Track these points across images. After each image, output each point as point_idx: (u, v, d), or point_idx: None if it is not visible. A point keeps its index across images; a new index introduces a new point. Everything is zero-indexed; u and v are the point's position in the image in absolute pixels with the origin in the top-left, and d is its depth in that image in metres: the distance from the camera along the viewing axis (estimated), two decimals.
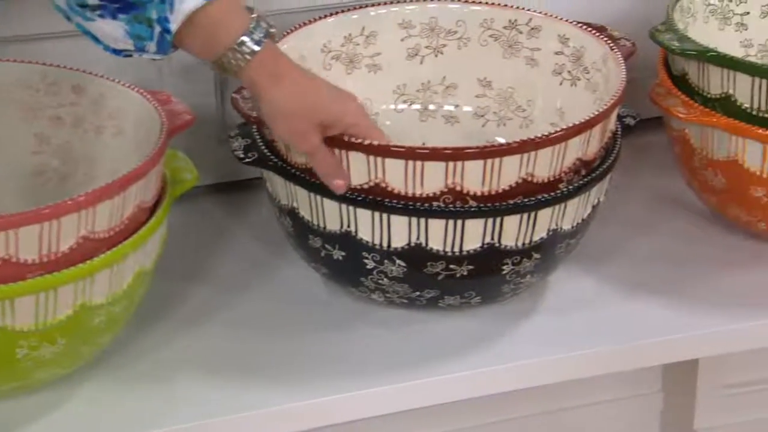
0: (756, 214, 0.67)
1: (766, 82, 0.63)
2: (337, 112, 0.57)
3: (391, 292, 0.62)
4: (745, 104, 0.64)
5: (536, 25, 0.69)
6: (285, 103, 0.57)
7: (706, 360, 0.77)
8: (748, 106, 0.64)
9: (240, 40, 0.55)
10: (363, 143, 0.58)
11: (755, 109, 0.64)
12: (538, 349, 0.63)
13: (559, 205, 0.60)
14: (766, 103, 0.64)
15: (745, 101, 0.64)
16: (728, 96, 0.65)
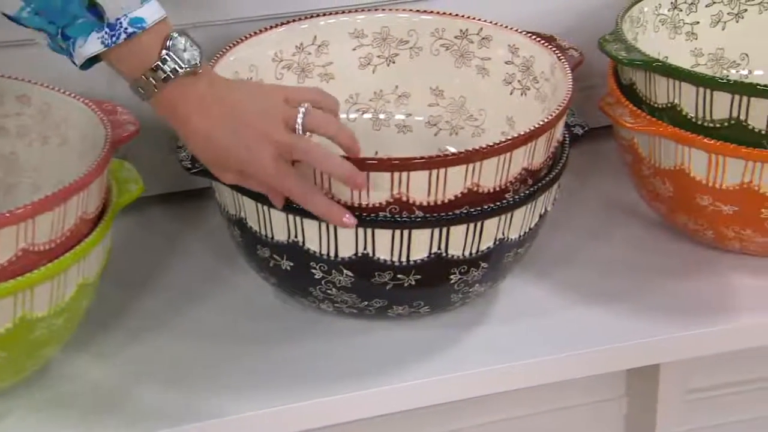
0: (702, 222, 0.67)
1: (710, 91, 0.63)
2: (247, 161, 0.55)
3: (340, 302, 0.62)
4: (690, 113, 0.64)
5: (487, 34, 0.69)
6: (194, 152, 0.57)
7: (668, 365, 0.78)
8: (693, 116, 0.64)
9: (140, 77, 0.55)
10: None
11: (700, 118, 0.64)
12: (488, 357, 0.63)
13: (506, 214, 0.60)
14: (710, 113, 0.64)
15: (690, 111, 0.64)
16: (674, 105, 0.65)
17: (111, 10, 0.54)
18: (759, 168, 0.63)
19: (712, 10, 0.75)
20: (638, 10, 0.72)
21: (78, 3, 0.54)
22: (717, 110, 0.64)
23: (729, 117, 0.63)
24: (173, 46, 0.55)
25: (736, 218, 0.65)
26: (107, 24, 0.54)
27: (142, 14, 0.55)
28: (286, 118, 0.56)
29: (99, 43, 0.54)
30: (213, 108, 0.55)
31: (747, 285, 0.68)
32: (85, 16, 0.54)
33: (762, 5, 0.76)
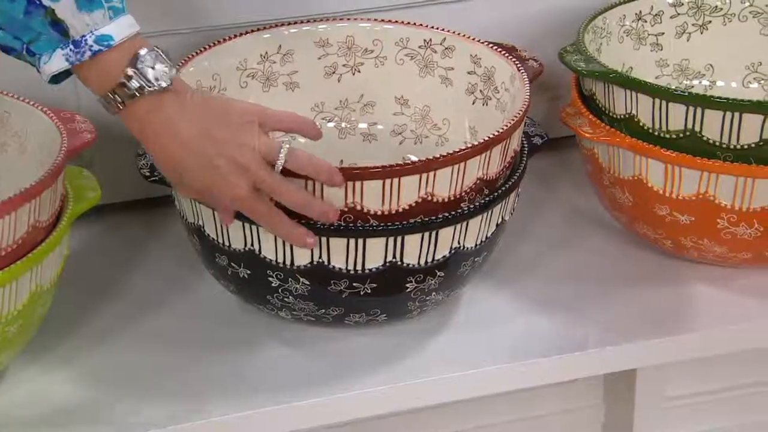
0: (661, 231, 0.67)
1: (666, 103, 0.63)
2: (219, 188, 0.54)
3: (298, 310, 0.62)
4: (648, 124, 0.64)
5: (450, 44, 0.69)
6: (160, 168, 0.56)
7: (645, 373, 0.78)
8: (650, 127, 0.64)
9: (106, 95, 0.54)
10: None
11: (657, 129, 0.64)
12: (445, 365, 0.63)
13: (460, 224, 0.59)
14: (666, 124, 0.63)
15: (648, 122, 0.64)
16: (632, 116, 0.65)
17: (76, 27, 0.54)
18: (714, 179, 0.62)
19: (676, 22, 0.75)
20: (602, 20, 0.72)
21: (40, 19, 0.53)
22: (673, 121, 0.63)
23: (684, 128, 0.63)
24: (141, 63, 0.54)
25: (693, 228, 0.65)
26: (72, 41, 0.54)
27: (110, 31, 0.54)
28: (264, 152, 0.55)
29: (63, 60, 0.54)
30: (183, 131, 0.54)
31: (705, 293, 0.67)
32: (48, 33, 0.53)
33: (726, 17, 0.75)
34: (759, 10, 0.74)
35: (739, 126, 0.62)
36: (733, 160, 0.62)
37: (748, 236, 0.64)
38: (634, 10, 0.73)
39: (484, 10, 0.74)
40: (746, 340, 0.66)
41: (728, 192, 0.62)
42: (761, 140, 0.62)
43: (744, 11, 0.74)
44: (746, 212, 0.63)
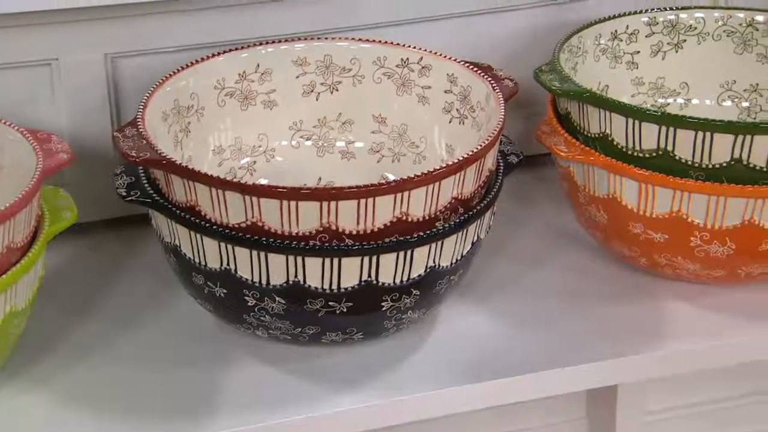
0: (636, 249, 0.67)
1: (639, 122, 0.63)
2: None
3: (274, 329, 0.62)
4: (621, 143, 0.64)
5: (427, 63, 0.69)
6: None
7: (625, 386, 0.78)
8: (624, 146, 0.64)
9: None
10: (240, 183, 0.58)
11: (630, 148, 0.64)
12: (421, 382, 0.62)
13: (435, 243, 0.59)
14: (639, 143, 0.64)
15: (621, 141, 0.64)
16: (606, 135, 0.65)
17: None
18: (687, 197, 0.62)
19: (652, 41, 0.75)
20: (577, 39, 0.72)
21: None
22: (646, 141, 0.64)
23: (657, 147, 0.63)
24: None
25: (667, 246, 0.65)
26: None
27: None
28: None
29: None
30: None
31: (681, 310, 0.67)
32: None
33: (700, 36, 0.75)
34: (733, 29, 0.75)
35: (710, 145, 0.62)
36: (705, 179, 0.63)
37: (721, 254, 0.64)
38: (609, 29, 0.73)
39: (461, 30, 0.75)
40: (720, 357, 0.66)
41: (701, 210, 0.63)
42: (732, 159, 0.62)
43: (718, 30, 0.75)
44: (718, 230, 0.63)
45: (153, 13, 0.69)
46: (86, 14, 0.68)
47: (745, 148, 0.62)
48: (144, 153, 0.59)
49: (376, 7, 0.72)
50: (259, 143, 0.71)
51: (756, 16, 0.74)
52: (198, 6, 0.69)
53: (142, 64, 0.71)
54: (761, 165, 0.62)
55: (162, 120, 0.65)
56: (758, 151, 0.62)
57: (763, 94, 0.76)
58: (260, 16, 0.71)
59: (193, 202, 0.59)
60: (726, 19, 0.74)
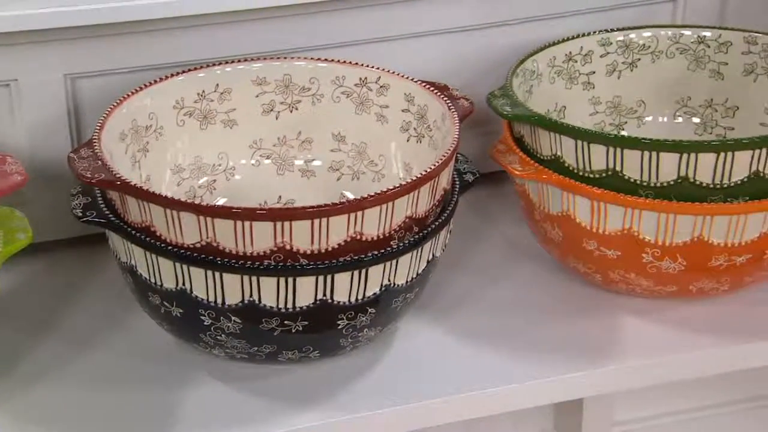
0: (591, 266, 0.67)
1: (588, 144, 0.63)
2: None
3: (230, 348, 0.62)
4: (572, 165, 0.65)
5: (385, 83, 0.70)
6: None
7: (591, 398, 0.78)
8: (575, 167, 0.65)
9: None
10: (194, 204, 0.58)
11: (581, 169, 0.64)
12: (378, 399, 0.62)
13: (390, 262, 0.60)
14: (590, 164, 0.64)
15: (572, 162, 0.65)
16: (558, 157, 0.65)
17: None
18: (637, 215, 0.63)
19: (606, 60, 0.76)
20: (531, 63, 0.72)
21: None
22: (595, 162, 0.64)
23: (606, 168, 0.64)
24: None
25: (620, 262, 0.65)
26: None
27: None
28: None
29: None
30: None
31: (635, 325, 0.67)
32: None
33: (654, 54, 0.76)
34: (685, 46, 0.75)
35: (657, 164, 0.62)
36: (654, 197, 0.63)
37: (673, 270, 0.64)
38: (563, 51, 0.73)
39: (419, 49, 0.75)
40: (675, 371, 0.66)
41: (651, 228, 0.63)
42: (679, 177, 0.63)
43: (671, 48, 0.75)
44: (669, 247, 0.63)
45: (112, 34, 0.69)
46: (45, 35, 0.68)
47: (690, 166, 0.62)
48: (99, 174, 0.59)
49: (334, 27, 0.73)
50: (218, 162, 0.71)
51: (705, 32, 0.74)
52: (157, 27, 0.69)
53: (102, 84, 0.71)
54: (707, 182, 0.63)
55: (119, 140, 0.65)
56: (704, 169, 0.62)
57: (718, 109, 0.76)
58: (219, 37, 0.71)
59: (149, 223, 0.59)
60: (678, 37, 0.75)
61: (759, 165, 0.63)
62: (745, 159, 0.62)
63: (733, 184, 0.63)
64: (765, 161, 0.63)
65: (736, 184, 0.63)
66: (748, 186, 0.63)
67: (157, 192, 0.62)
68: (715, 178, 0.62)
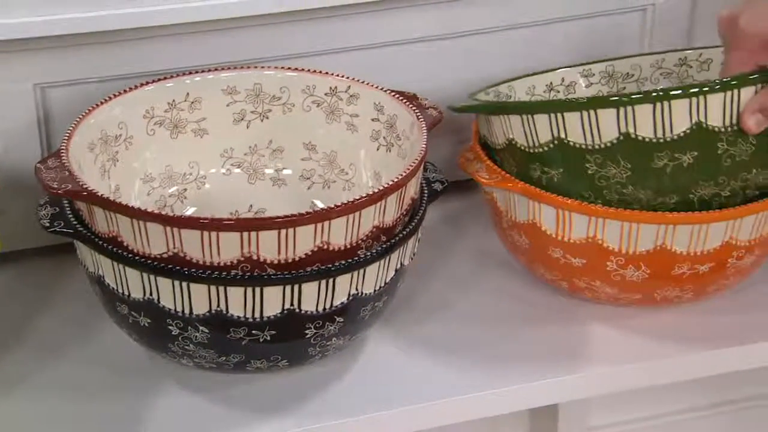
0: (557, 273, 0.67)
1: (531, 117, 0.63)
2: None
3: (198, 357, 0.62)
4: (523, 144, 0.64)
5: (355, 92, 0.70)
6: None
7: (566, 403, 0.78)
8: (526, 146, 0.64)
9: None
10: (160, 214, 0.58)
11: (531, 146, 0.64)
12: (350, 407, 0.62)
13: (357, 271, 0.60)
14: (537, 138, 0.64)
15: (522, 141, 0.64)
16: (511, 141, 0.65)
17: None
18: (601, 223, 0.63)
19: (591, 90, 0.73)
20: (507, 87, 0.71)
21: None
22: (541, 134, 0.64)
23: (552, 138, 0.63)
24: None
25: (586, 270, 0.65)
26: None
27: None
28: None
29: None
30: None
31: (602, 333, 0.68)
32: None
33: (638, 81, 0.74)
34: (669, 70, 0.75)
35: (597, 124, 0.62)
36: (602, 162, 0.62)
37: (637, 278, 0.65)
38: (544, 81, 0.74)
39: (388, 58, 0.75)
40: (642, 378, 0.67)
41: (615, 236, 0.63)
42: (621, 134, 0.62)
43: (655, 74, 0.75)
44: (633, 255, 0.64)
45: (82, 43, 0.69)
46: (15, 45, 0.67)
47: (629, 120, 0.61)
48: (66, 184, 0.58)
49: (304, 37, 0.73)
50: (189, 171, 0.71)
51: (686, 54, 0.74)
52: (127, 37, 0.69)
53: (72, 93, 0.70)
54: (650, 136, 0.60)
55: (88, 150, 0.65)
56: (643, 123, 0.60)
57: None
58: (189, 46, 0.71)
59: (116, 233, 0.59)
60: (660, 62, 0.75)
61: (699, 115, 0.61)
62: (684, 108, 0.61)
63: (676, 137, 0.61)
64: (705, 111, 0.61)
65: (679, 137, 0.61)
66: (693, 139, 0.62)
67: (126, 202, 0.63)
68: (657, 131, 0.61)
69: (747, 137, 0.62)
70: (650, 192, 0.63)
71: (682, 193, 0.63)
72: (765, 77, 0.62)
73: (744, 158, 0.63)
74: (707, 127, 0.62)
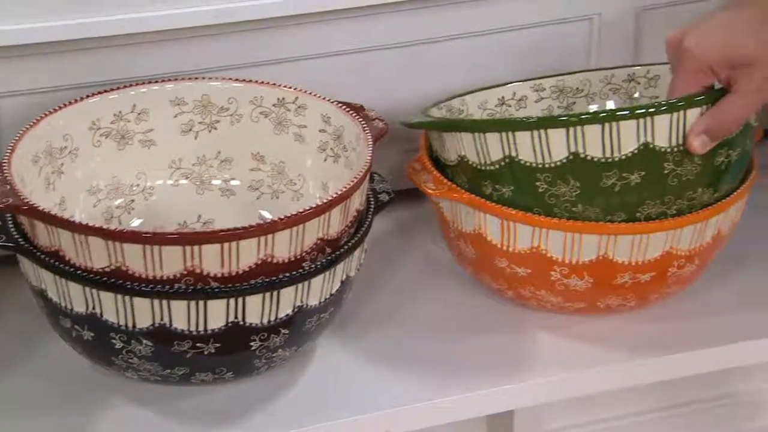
0: (503, 283, 0.68)
1: (483, 136, 0.63)
2: None
3: (143, 370, 0.61)
4: (475, 162, 0.65)
5: (302, 103, 0.69)
6: None
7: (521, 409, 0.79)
8: (478, 163, 0.65)
9: None
10: (102, 228, 0.58)
11: (482, 164, 0.64)
12: (293, 419, 0.62)
13: (302, 283, 0.59)
14: (488, 156, 0.64)
15: (474, 159, 0.65)
16: (463, 158, 0.65)
17: None
18: (545, 234, 0.63)
19: (542, 105, 0.74)
20: (459, 102, 0.71)
21: None
22: (493, 152, 0.64)
23: (503, 156, 0.64)
24: None
25: (531, 280, 0.66)
26: None
27: None
28: None
29: None
30: None
31: (548, 341, 0.68)
32: None
33: (588, 97, 0.75)
34: (617, 86, 0.75)
35: (548, 143, 0.62)
36: (552, 180, 0.63)
37: (580, 287, 0.65)
38: (495, 95, 0.74)
39: (336, 68, 0.74)
40: (585, 386, 0.67)
41: (558, 246, 0.64)
42: (570, 154, 0.62)
43: (604, 89, 0.75)
44: (576, 265, 0.64)
45: (28, 54, 0.68)
46: None
47: (579, 140, 0.61)
48: (6, 198, 0.58)
49: (251, 47, 0.72)
50: (136, 182, 0.70)
51: (635, 70, 0.75)
52: (73, 47, 0.68)
53: (20, 104, 0.69)
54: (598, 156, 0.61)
55: (33, 162, 0.64)
56: (592, 143, 0.61)
57: None
58: (136, 56, 0.70)
59: (57, 247, 0.58)
60: (609, 78, 0.75)
61: (646, 135, 0.62)
62: (631, 129, 0.62)
63: (624, 157, 0.62)
64: (652, 131, 0.62)
65: (627, 157, 0.62)
66: (640, 159, 0.62)
67: (71, 214, 0.62)
68: (605, 151, 0.62)
69: (693, 158, 0.63)
70: (599, 210, 0.64)
71: (629, 211, 0.64)
72: (710, 99, 0.63)
73: (690, 178, 0.63)
74: (654, 147, 0.63)
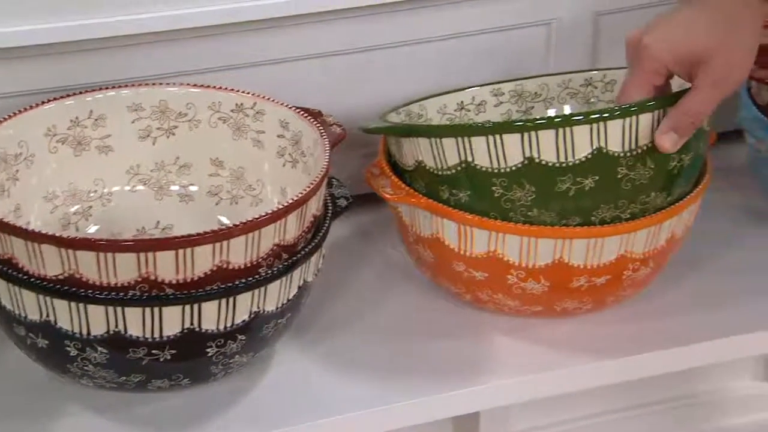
0: (461, 287, 0.68)
1: (439, 140, 0.63)
2: None
3: (99, 378, 0.61)
4: (432, 167, 0.65)
5: (260, 109, 0.69)
6: None
7: (487, 412, 0.79)
8: (434, 167, 0.65)
9: None
10: (54, 236, 0.57)
11: (439, 169, 0.64)
12: (249, 426, 0.62)
13: (258, 289, 0.59)
14: (445, 161, 0.64)
15: (431, 164, 0.65)
16: (420, 163, 0.65)
17: None
18: (501, 238, 0.64)
19: (501, 110, 0.74)
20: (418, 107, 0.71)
21: None
22: (449, 157, 0.64)
23: (459, 161, 0.64)
24: None
25: (488, 283, 0.66)
26: None
27: None
28: None
29: None
30: None
31: (505, 344, 0.68)
32: None
33: (546, 101, 0.75)
34: (575, 90, 0.75)
35: (503, 148, 0.62)
36: (508, 185, 0.63)
37: (537, 291, 0.66)
38: (455, 99, 0.74)
39: (294, 74, 0.74)
40: (544, 388, 0.67)
41: (515, 250, 0.64)
42: (525, 159, 0.62)
43: (562, 94, 0.75)
44: (532, 269, 0.64)
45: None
46: None
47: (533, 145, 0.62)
48: None
49: (210, 52, 0.72)
50: (94, 188, 0.69)
51: (591, 74, 0.75)
52: (27, 54, 0.67)
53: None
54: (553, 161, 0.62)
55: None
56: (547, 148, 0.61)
57: None
58: (92, 62, 0.69)
59: (10, 255, 0.57)
60: (567, 83, 0.76)
61: (600, 140, 0.62)
62: (585, 134, 0.62)
63: (578, 161, 0.62)
64: (605, 136, 0.62)
65: (581, 162, 0.62)
66: (594, 164, 0.62)
67: (27, 221, 0.61)
68: (560, 156, 0.62)
69: (646, 162, 0.64)
70: (554, 214, 0.64)
71: (584, 215, 0.64)
72: (662, 104, 0.63)
73: (643, 182, 0.64)
74: (607, 152, 0.63)
